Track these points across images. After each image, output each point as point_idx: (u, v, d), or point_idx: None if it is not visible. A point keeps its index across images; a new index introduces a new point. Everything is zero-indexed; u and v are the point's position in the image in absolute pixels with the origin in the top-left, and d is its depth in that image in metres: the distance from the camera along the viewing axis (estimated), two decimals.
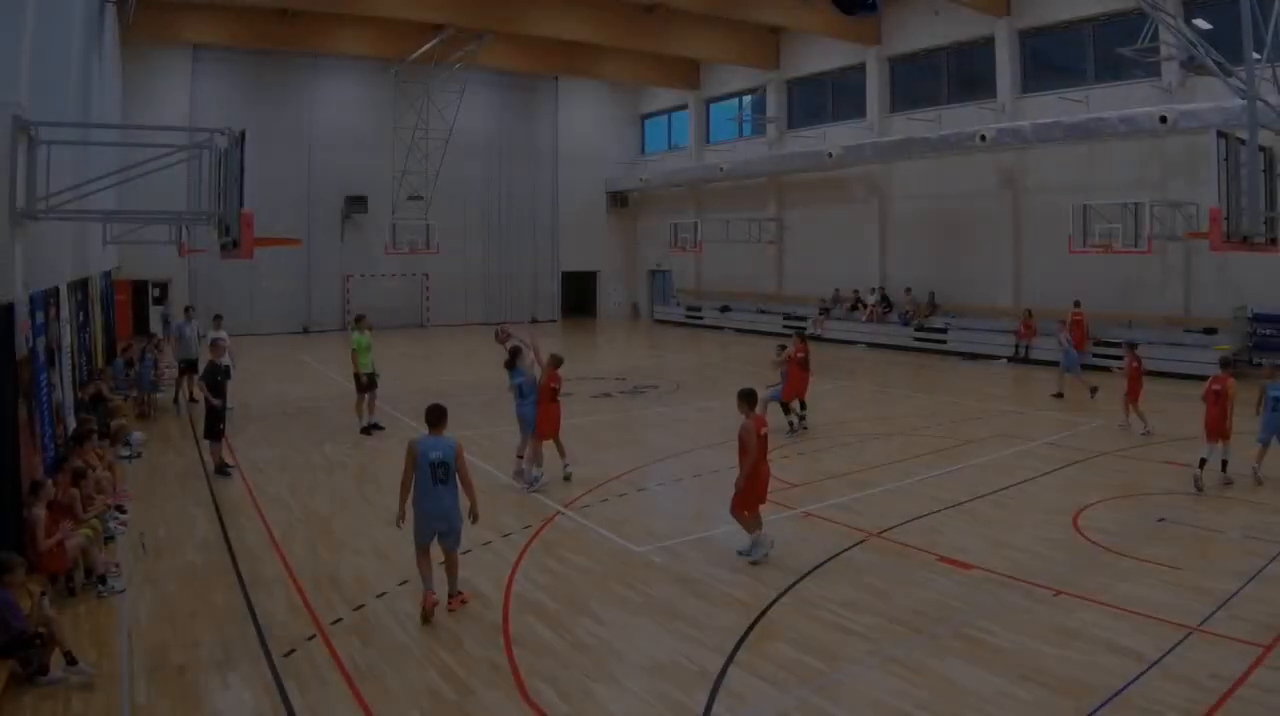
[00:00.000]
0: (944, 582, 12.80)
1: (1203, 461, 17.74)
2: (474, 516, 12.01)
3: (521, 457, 18.47)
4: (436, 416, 12.21)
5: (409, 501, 11.82)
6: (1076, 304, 34.86)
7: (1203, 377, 28.90)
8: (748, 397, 14.11)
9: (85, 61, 22.86)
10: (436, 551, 11.98)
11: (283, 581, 13.09)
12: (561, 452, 18.77)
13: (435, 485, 11.69)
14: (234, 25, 43.83)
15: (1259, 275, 30.83)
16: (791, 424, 23.23)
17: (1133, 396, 23.23)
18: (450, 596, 11.99)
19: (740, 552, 13.76)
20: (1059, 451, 21.00)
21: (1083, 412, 24.90)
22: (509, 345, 19.00)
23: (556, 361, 18.62)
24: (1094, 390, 27.27)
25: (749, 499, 13.82)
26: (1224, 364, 19.40)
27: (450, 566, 12.04)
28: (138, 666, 10.34)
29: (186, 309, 31.18)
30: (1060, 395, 27.85)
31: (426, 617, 11.58)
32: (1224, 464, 18.03)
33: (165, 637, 11.09)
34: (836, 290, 47.88)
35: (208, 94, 47.80)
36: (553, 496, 17.49)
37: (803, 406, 23.47)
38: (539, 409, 18.15)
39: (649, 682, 10.00)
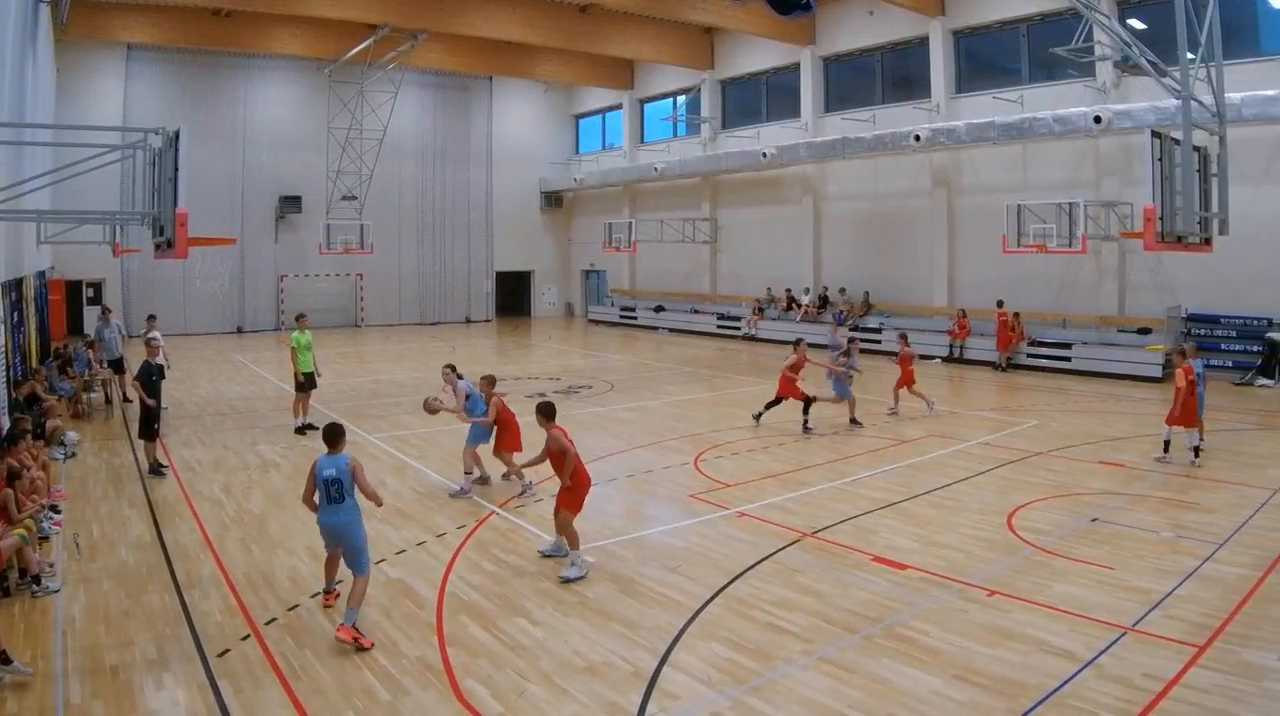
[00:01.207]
0: (878, 582, 12.73)
1: (1197, 448, 19.44)
2: (377, 503, 11.90)
3: (470, 473, 18.08)
4: (332, 437, 11.90)
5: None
6: (999, 304, 35.18)
7: (1138, 378, 29.41)
8: (546, 411, 13.95)
9: (19, 61, 22.57)
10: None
11: (217, 581, 12.97)
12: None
13: (329, 503, 11.49)
14: (168, 25, 43.45)
15: (1193, 275, 31.21)
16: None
17: (907, 382, 25.15)
18: (340, 626, 10.91)
19: (567, 577, 13.05)
20: (993, 451, 21.04)
21: (1018, 413, 24.97)
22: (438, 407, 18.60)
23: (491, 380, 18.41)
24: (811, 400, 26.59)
25: (576, 501, 13.57)
26: (1184, 354, 20.12)
27: (353, 594, 11.16)
28: (72, 666, 10.24)
29: (105, 311, 30.82)
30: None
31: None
32: (1168, 444, 19.51)
33: (99, 637, 11.00)
34: (768, 289, 48.10)
35: (142, 94, 47.41)
36: (487, 497, 17.36)
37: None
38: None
39: (583, 683, 9.93)
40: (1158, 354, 30.91)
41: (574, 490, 13.54)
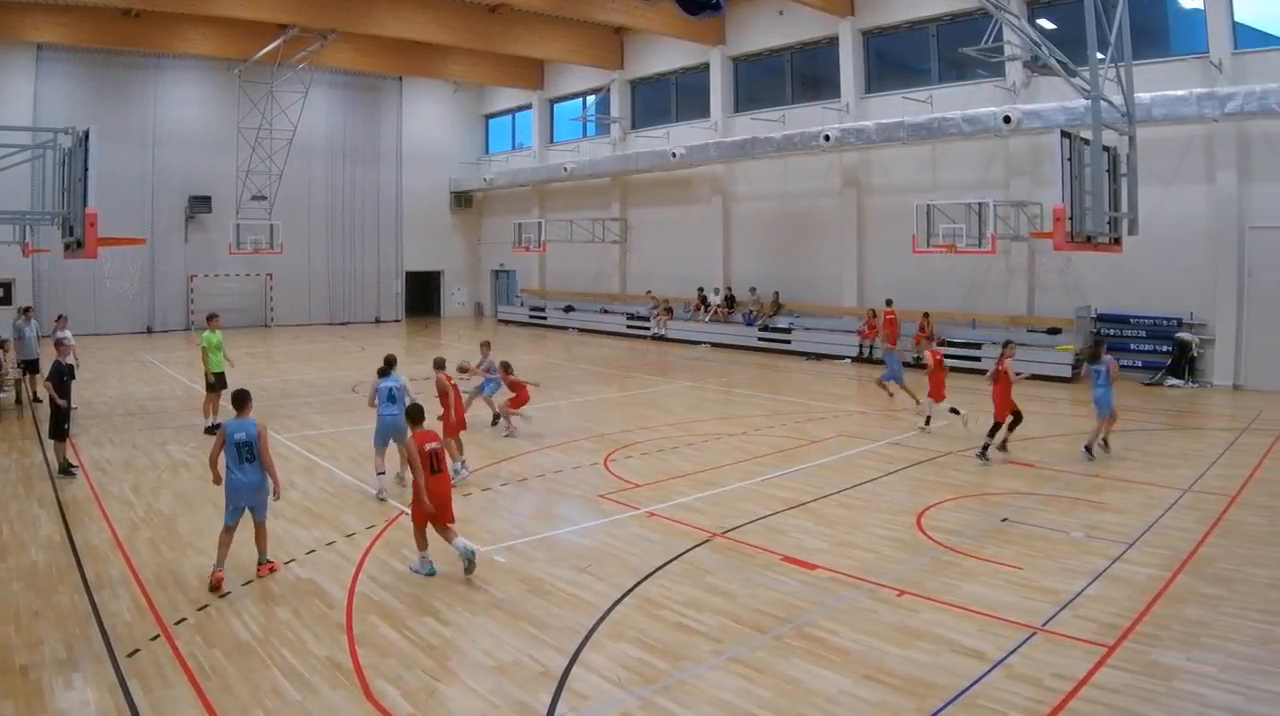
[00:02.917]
0: (788, 582, 12.69)
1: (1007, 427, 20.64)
2: (276, 493, 13.00)
3: (384, 473, 17.72)
4: (240, 400, 13.24)
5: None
6: (889, 303, 35.41)
7: (1048, 378, 29.62)
8: (411, 414, 13.90)
9: None
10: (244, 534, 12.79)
11: (127, 581, 12.87)
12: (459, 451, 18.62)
13: (241, 463, 12.66)
14: (78, 25, 42.93)
15: (1102, 275, 31.64)
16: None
17: (520, 403, 24.21)
18: (259, 564, 12.95)
19: (412, 568, 13.36)
20: (903, 451, 21.11)
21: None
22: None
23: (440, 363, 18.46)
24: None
25: (418, 513, 13.22)
26: (1007, 344, 21.36)
27: (259, 536, 13.01)
28: None
29: (26, 309, 30.32)
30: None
31: (213, 588, 12.33)
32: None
33: (8, 638, 10.89)
34: (649, 292, 49.07)
35: (52, 94, 46.74)
36: (399, 497, 17.09)
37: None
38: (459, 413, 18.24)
39: (493, 682, 9.90)
40: (1068, 354, 31.13)
41: (415, 499, 13.23)
